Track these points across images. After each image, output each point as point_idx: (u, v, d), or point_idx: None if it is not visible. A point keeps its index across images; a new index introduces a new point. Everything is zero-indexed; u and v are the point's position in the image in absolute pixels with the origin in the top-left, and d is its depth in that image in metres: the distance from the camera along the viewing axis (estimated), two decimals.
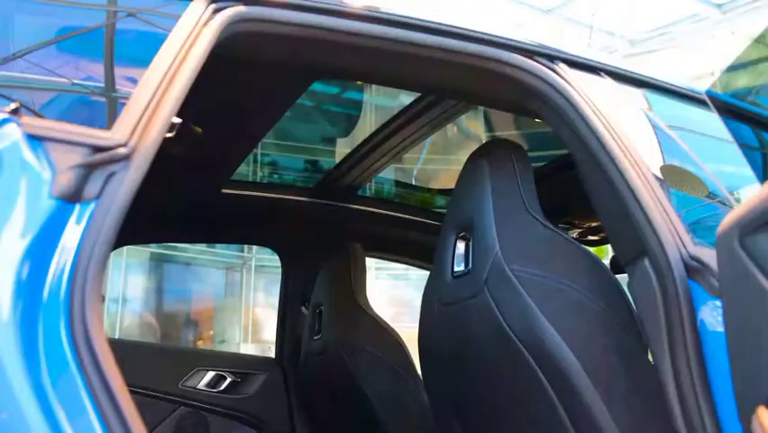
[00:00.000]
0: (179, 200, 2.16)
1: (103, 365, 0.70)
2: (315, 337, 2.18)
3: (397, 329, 2.09)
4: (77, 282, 0.74)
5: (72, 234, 0.77)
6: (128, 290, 9.36)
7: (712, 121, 1.49)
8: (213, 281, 10.38)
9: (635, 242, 1.10)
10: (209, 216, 2.30)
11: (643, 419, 1.15)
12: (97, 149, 0.83)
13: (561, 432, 1.18)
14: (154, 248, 9.58)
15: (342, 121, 3.54)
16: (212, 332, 10.30)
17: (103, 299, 8.86)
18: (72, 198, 0.79)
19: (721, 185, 1.29)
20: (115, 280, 9.00)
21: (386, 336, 2.05)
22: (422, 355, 1.54)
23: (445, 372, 1.45)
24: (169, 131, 1.74)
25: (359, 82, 3.19)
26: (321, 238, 2.45)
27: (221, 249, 10.17)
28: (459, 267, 1.40)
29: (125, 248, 8.92)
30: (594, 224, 2.24)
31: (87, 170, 0.81)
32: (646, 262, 1.08)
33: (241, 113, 1.64)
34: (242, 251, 9.99)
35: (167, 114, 0.90)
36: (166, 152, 1.82)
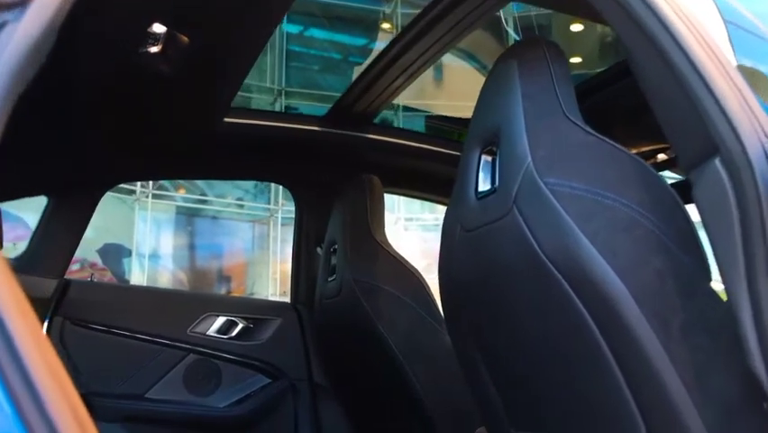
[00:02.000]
0: (177, 132, 1.98)
1: None
2: (329, 279, 2.01)
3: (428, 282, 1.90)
4: None
5: None
6: (154, 244, 9.34)
7: None
8: (240, 235, 10.31)
9: (704, 138, 0.88)
10: (212, 148, 2.12)
11: (708, 357, 0.95)
12: None
13: (605, 375, 0.98)
14: (180, 202, 9.52)
15: None
16: (243, 287, 10.29)
17: (129, 253, 8.87)
18: None
19: None
20: (142, 233, 8.97)
21: (406, 274, 1.87)
22: (443, 290, 1.35)
23: (469, 308, 1.26)
24: (154, 43, 1.57)
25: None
26: (335, 172, 2.25)
27: (248, 202, 10.09)
28: (484, 186, 1.20)
29: (150, 201, 8.88)
30: (641, 150, 2.01)
31: None
32: (717, 161, 0.86)
33: (234, 15, 1.44)
34: (269, 203, 9.88)
35: None
36: (154, 72, 1.65)
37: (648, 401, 0.97)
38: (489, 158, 1.21)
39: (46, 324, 2.02)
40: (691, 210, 1.00)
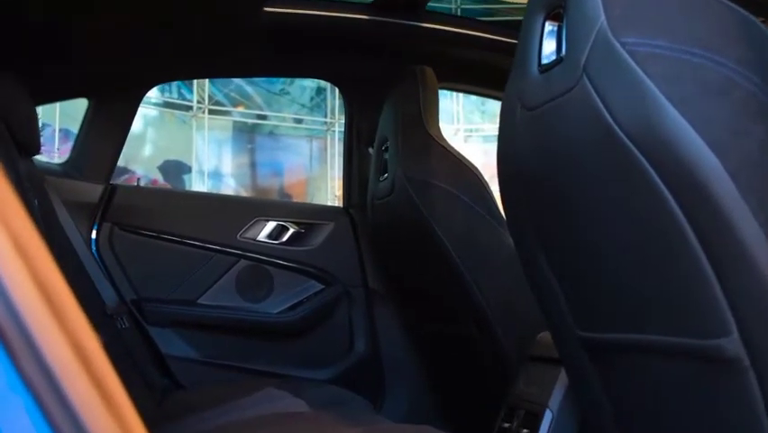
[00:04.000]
0: (214, 25, 1.85)
1: None
2: (381, 178, 1.90)
3: None
4: None
5: None
6: (214, 162, 9.41)
7: None
8: (299, 151, 10.27)
9: None
10: (252, 42, 1.99)
11: None
12: None
13: (689, 264, 0.85)
14: (237, 116, 9.50)
15: None
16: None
17: (190, 169, 8.95)
18: None
19: None
20: (201, 151, 9.03)
21: (462, 171, 1.74)
22: (501, 180, 1.21)
23: (531, 197, 1.13)
24: None
25: None
26: (385, 64, 2.11)
27: (305, 116, 10.00)
28: (548, 57, 1.04)
29: (206, 118, 8.88)
30: None
31: None
32: None
33: None
34: (326, 116, 9.77)
35: None
36: None
37: (740, 293, 0.83)
38: (555, 24, 1.05)
39: (95, 230, 1.99)
40: None
